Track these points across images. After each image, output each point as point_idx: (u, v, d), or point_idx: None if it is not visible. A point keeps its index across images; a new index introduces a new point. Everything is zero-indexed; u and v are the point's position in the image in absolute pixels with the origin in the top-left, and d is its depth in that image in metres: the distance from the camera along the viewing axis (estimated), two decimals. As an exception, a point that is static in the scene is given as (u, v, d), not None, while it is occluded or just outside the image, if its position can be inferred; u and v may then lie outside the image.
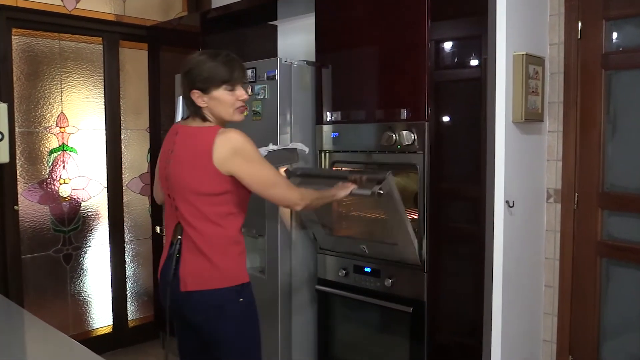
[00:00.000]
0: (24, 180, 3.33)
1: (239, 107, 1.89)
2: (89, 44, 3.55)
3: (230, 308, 1.86)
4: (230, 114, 1.87)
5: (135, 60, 3.77)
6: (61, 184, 3.48)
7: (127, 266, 3.80)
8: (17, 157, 3.27)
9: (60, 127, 3.46)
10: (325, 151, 2.72)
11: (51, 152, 3.43)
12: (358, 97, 2.61)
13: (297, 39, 3.42)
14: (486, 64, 2.27)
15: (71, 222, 3.54)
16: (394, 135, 2.41)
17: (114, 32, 3.62)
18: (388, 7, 2.46)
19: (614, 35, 2.42)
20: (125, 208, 3.78)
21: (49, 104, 3.41)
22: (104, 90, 3.63)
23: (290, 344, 2.76)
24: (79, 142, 3.54)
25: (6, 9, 3.15)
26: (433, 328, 2.41)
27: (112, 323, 3.75)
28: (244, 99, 1.89)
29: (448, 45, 2.41)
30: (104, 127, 3.65)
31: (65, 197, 3.50)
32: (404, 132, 2.37)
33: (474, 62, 2.35)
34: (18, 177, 3.29)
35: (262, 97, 2.67)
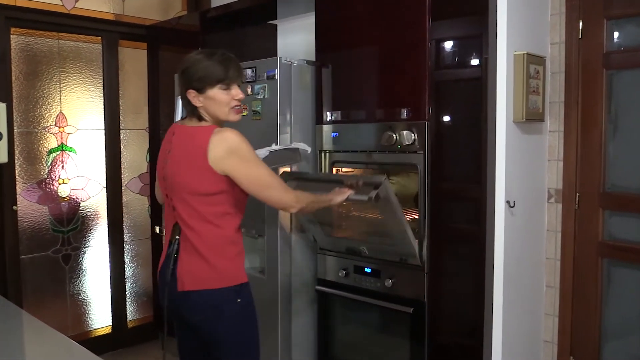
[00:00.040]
0: (23, 180, 3.32)
1: (235, 107, 1.87)
2: (88, 44, 3.55)
3: (228, 308, 1.85)
4: (225, 113, 1.86)
5: (134, 59, 3.76)
6: (60, 184, 3.47)
7: (126, 266, 3.79)
8: (15, 157, 3.26)
9: (59, 127, 3.45)
10: (325, 151, 2.71)
11: (50, 152, 3.42)
12: (358, 97, 2.60)
13: (297, 38, 3.41)
14: (487, 63, 2.27)
15: (70, 222, 3.53)
16: (394, 135, 2.40)
17: (113, 32, 3.61)
18: (388, 7, 2.45)
19: (615, 34, 2.42)
20: (125, 208, 3.77)
21: (48, 104, 3.40)
22: (103, 90, 3.62)
23: (290, 344, 2.75)
24: (78, 142, 3.53)
25: (5, 8, 3.14)
26: (433, 329, 2.41)
27: (111, 324, 3.74)
28: (239, 99, 1.87)
29: (448, 45, 2.41)
30: (103, 126, 3.63)
31: (64, 197, 3.49)
32: (404, 132, 2.37)
33: (474, 62, 2.35)
34: (17, 177, 3.28)
35: (261, 96, 2.66)
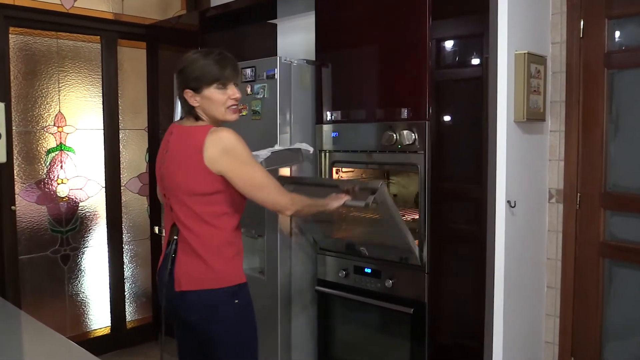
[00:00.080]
0: (22, 180, 3.31)
1: (232, 106, 1.86)
2: (87, 43, 3.53)
3: (225, 309, 1.84)
4: (222, 113, 1.84)
5: (133, 59, 3.75)
6: (59, 184, 3.46)
7: (125, 267, 3.78)
8: (14, 157, 3.25)
9: (58, 127, 3.44)
10: (325, 151, 2.70)
11: (49, 151, 3.41)
12: (358, 97, 2.60)
13: (297, 37, 3.40)
14: (487, 62, 2.26)
15: (69, 222, 3.51)
16: (394, 135, 2.40)
17: (112, 31, 3.60)
18: (388, 6, 2.45)
19: (617, 34, 2.41)
20: (124, 208, 3.76)
21: (47, 104, 3.39)
22: (102, 90, 3.60)
23: (290, 345, 2.74)
24: (76, 142, 3.52)
25: (3, 7, 3.13)
26: (434, 329, 2.40)
27: (110, 324, 3.73)
28: (236, 98, 1.85)
29: (449, 44, 2.40)
30: (102, 126, 3.62)
31: (63, 197, 3.48)
32: (405, 131, 2.36)
33: (475, 61, 2.34)
34: (15, 177, 3.27)
35: (261, 96, 2.65)
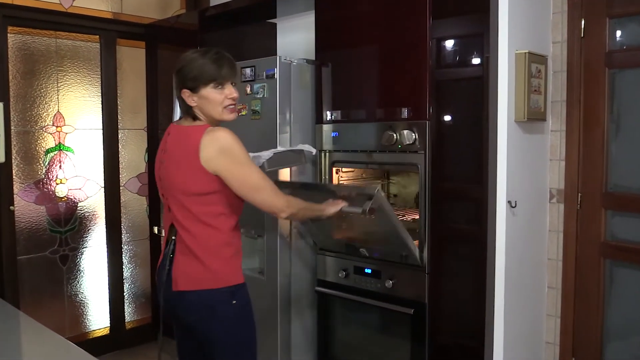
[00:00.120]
0: (20, 180, 3.30)
1: (229, 106, 1.85)
2: (85, 42, 3.52)
3: (222, 309, 1.83)
4: (219, 112, 1.83)
5: (132, 58, 3.74)
6: (58, 184, 3.45)
7: (124, 267, 3.77)
8: (13, 157, 3.24)
9: (57, 127, 3.43)
10: (325, 151, 2.69)
11: (47, 151, 3.40)
12: (358, 96, 2.59)
13: (296, 37, 3.39)
14: (488, 62, 2.25)
15: (68, 222, 3.50)
16: (394, 135, 2.39)
17: (111, 30, 3.59)
18: (389, 5, 2.44)
19: (618, 33, 2.40)
20: (123, 208, 3.75)
21: (45, 103, 3.38)
22: (101, 89, 3.59)
23: (290, 346, 2.73)
24: (75, 142, 3.51)
25: (2, 6, 3.12)
26: (434, 330, 2.40)
27: (109, 325, 3.72)
28: (233, 98, 1.85)
29: (449, 44, 2.39)
30: (101, 126, 3.61)
31: (62, 198, 3.47)
32: (405, 131, 2.36)
33: (475, 61, 2.33)
34: (14, 177, 3.26)
35: (261, 95, 2.64)
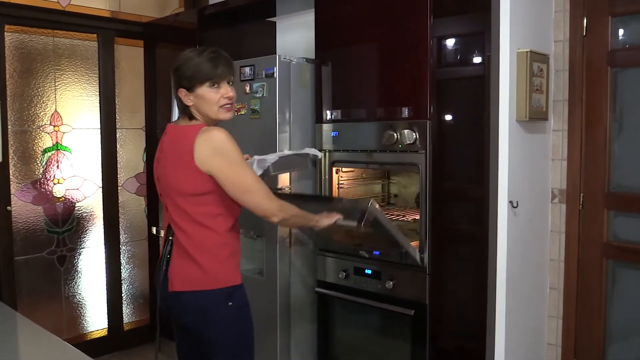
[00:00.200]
0: (17, 180, 3.27)
1: (225, 105, 1.83)
2: (83, 41, 3.50)
3: (218, 311, 1.82)
4: (215, 112, 1.82)
5: (130, 57, 3.72)
6: (55, 184, 3.42)
7: (122, 268, 3.75)
8: (9, 157, 3.21)
9: (54, 126, 3.40)
10: (325, 151, 2.68)
11: (45, 151, 3.38)
12: (358, 95, 2.58)
13: (296, 35, 3.38)
14: (489, 61, 2.24)
15: (65, 223, 3.48)
16: (395, 134, 2.38)
17: (109, 29, 3.57)
18: (389, 4, 2.43)
19: (620, 32, 2.39)
20: (121, 209, 3.73)
21: (43, 102, 3.36)
22: (99, 88, 3.57)
23: (289, 347, 2.72)
24: (73, 141, 3.49)
25: (-1, 5, 3.10)
26: (435, 331, 2.38)
27: (107, 326, 3.70)
28: (229, 97, 1.83)
29: (450, 43, 2.38)
30: (98, 125, 3.59)
31: (59, 198, 3.45)
32: (406, 131, 2.35)
33: (477, 60, 2.32)
34: (11, 177, 3.23)
35: (260, 95, 2.63)
